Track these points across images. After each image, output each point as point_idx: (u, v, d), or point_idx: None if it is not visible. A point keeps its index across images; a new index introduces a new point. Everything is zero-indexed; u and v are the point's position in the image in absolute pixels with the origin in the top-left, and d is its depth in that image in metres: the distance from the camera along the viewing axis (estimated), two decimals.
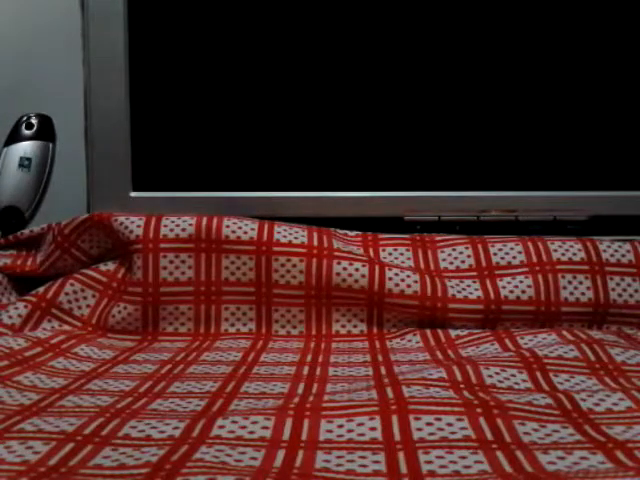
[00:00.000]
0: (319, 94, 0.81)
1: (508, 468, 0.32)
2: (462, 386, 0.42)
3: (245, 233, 0.65)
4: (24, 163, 0.75)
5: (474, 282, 0.65)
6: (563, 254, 0.67)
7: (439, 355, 0.55)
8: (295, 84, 0.80)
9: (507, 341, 0.56)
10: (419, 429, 0.36)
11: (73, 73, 0.82)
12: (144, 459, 0.32)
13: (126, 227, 0.66)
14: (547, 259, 0.66)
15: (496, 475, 0.31)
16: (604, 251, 0.67)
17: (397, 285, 0.64)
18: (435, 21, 0.80)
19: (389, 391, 0.41)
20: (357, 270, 0.64)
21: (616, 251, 0.67)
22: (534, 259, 0.66)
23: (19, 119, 0.77)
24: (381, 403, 0.39)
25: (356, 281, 0.64)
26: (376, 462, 0.32)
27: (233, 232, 0.65)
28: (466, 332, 0.61)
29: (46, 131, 0.77)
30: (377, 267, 0.64)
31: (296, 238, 0.66)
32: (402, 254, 0.69)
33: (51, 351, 0.55)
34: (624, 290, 0.65)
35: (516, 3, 0.79)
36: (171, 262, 0.64)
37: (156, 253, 0.64)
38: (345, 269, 0.64)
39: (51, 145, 0.77)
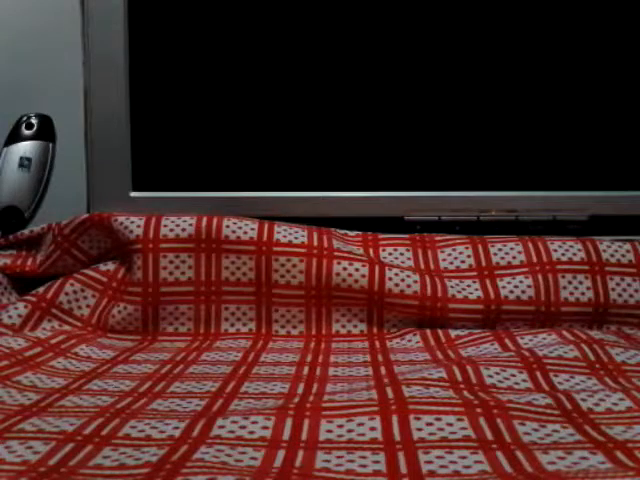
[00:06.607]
0: (318, 95, 0.80)
1: (508, 468, 0.32)
2: (462, 386, 0.42)
3: (245, 233, 0.65)
4: (24, 163, 0.75)
5: (474, 282, 0.65)
6: (563, 254, 0.67)
7: (439, 355, 0.55)
8: (295, 84, 0.80)
9: (507, 341, 0.56)
10: (419, 429, 0.36)
11: (73, 73, 0.82)
12: (144, 459, 0.32)
13: (126, 227, 0.66)
14: (547, 259, 0.66)
15: (496, 475, 0.31)
16: (604, 251, 0.67)
17: (397, 285, 0.64)
18: (434, 22, 0.80)
19: (389, 391, 0.41)
20: (357, 270, 0.64)
21: (616, 251, 0.67)
22: (534, 259, 0.66)
23: (19, 119, 0.77)
24: (381, 403, 0.39)
25: (356, 281, 0.64)
26: (376, 462, 0.32)
27: (233, 232, 0.65)
28: (466, 332, 0.61)
29: (46, 131, 0.77)
30: (377, 267, 0.64)
31: (296, 238, 0.66)
32: (402, 254, 0.69)
33: (51, 351, 0.55)
34: (624, 290, 0.65)
35: (516, 3, 0.79)
36: (171, 262, 0.64)
37: (156, 253, 0.64)
38: (345, 269, 0.64)
39: (51, 145, 0.77)
